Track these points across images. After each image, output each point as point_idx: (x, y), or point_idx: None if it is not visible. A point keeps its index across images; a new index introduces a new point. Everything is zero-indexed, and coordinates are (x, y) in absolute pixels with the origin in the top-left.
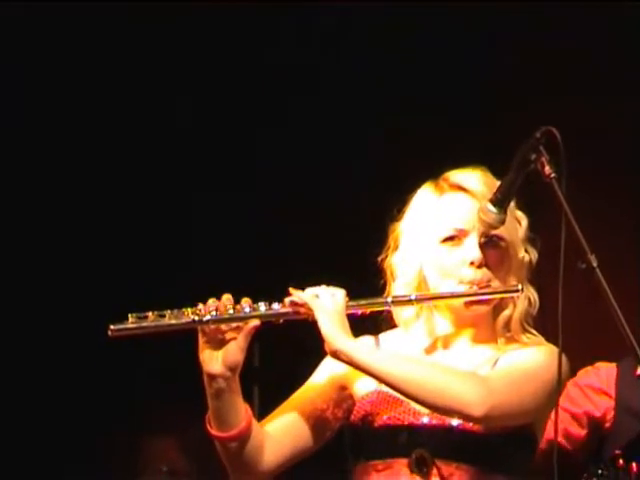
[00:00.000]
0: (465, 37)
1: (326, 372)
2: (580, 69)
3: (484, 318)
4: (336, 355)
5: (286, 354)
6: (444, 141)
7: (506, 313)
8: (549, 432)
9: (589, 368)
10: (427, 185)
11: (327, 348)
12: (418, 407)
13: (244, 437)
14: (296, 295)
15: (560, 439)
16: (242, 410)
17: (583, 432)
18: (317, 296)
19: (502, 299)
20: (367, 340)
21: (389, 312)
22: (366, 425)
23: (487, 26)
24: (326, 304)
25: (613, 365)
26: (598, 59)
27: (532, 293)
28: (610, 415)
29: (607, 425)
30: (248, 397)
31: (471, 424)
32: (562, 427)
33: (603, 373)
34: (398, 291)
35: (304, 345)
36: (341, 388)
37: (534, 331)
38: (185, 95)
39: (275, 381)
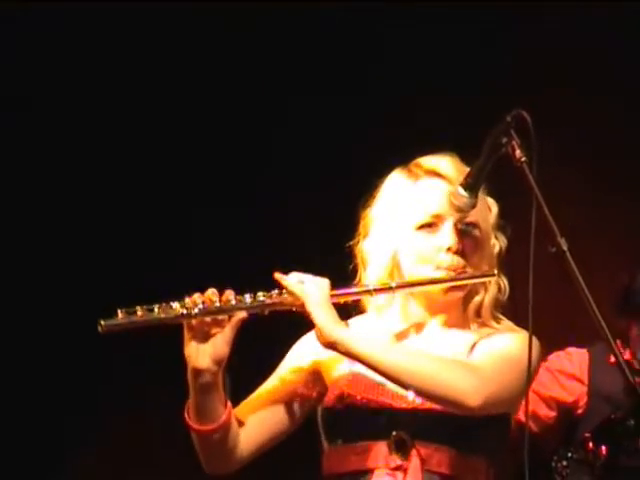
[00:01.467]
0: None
1: (297, 357)
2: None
3: (455, 304)
4: (332, 346)
5: (255, 344)
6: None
7: (477, 299)
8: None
9: (560, 353)
10: (399, 171)
11: (322, 339)
12: (396, 389)
13: (225, 429)
14: (282, 282)
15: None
16: (223, 402)
17: (551, 414)
18: (302, 283)
19: (474, 285)
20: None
21: None
22: (343, 407)
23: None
24: (315, 295)
25: (584, 350)
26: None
27: (502, 280)
28: (583, 401)
29: (579, 411)
30: None
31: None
32: (530, 408)
33: (575, 359)
34: (371, 277)
35: (273, 334)
36: (313, 372)
37: (503, 317)
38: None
39: (245, 371)
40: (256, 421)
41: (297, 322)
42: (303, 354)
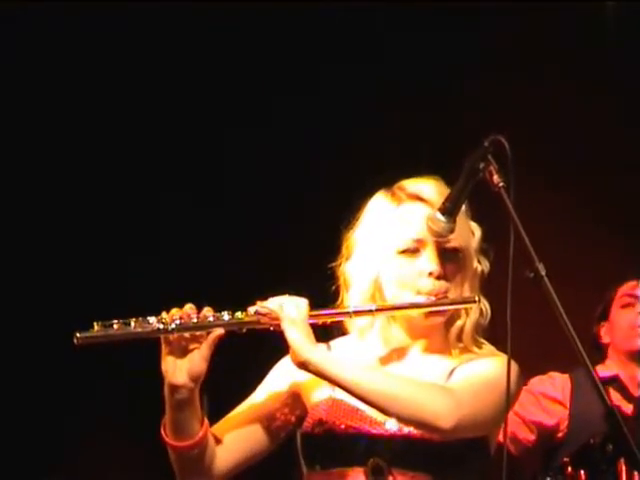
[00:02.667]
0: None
1: (277, 378)
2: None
3: (437, 328)
4: (304, 366)
5: (234, 362)
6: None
7: (459, 324)
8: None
9: (543, 377)
10: (382, 194)
11: (294, 358)
12: (374, 415)
13: (201, 446)
14: (260, 305)
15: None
16: (200, 419)
17: (531, 437)
18: (281, 305)
19: (455, 310)
20: (323, 347)
21: None
22: (321, 433)
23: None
24: (292, 314)
25: (566, 375)
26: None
27: (484, 304)
28: (564, 425)
29: (560, 434)
30: None
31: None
32: (510, 431)
33: (558, 383)
34: (353, 300)
35: (253, 352)
36: (293, 394)
37: (484, 341)
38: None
39: (224, 390)
40: (233, 440)
41: (279, 341)
42: (284, 375)
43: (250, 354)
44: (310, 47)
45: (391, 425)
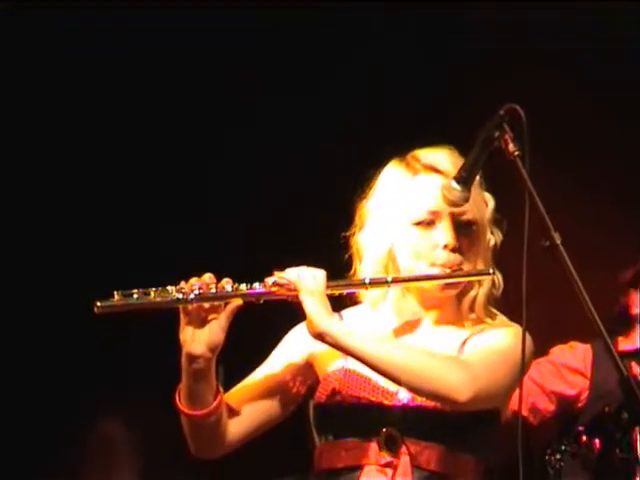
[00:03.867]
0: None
1: (290, 347)
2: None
3: (450, 300)
4: (321, 337)
5: (249, 332)
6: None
7: (471, 295)
8: (514, 404)
9: (564, 346)
10: (396, 164)
11: (311, 329)
12: (387, 385)
13: (215, 415)
14: (279, 275)
15: (525, 412)
16: (214, 388)
17: (551, 408)
18: (298, 276)
19: (469, 282)
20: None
21: None
22: (334, 403)
23: None
24: (310, 285)
25: (588, 346)
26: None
27: (497, 275)
28: (584, 395)
29: (579, 405)
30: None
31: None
32: (530, 401)
33: (580, 353)
34: (366, 270)
35: (267, 323)
36: (305, 364)
37: (497, 312)
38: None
39: (237, 359)
40: (246, 409)
41: (293, 311)
42: (296, 344)
43: (265, 323)
44: None
45: (404, 395)
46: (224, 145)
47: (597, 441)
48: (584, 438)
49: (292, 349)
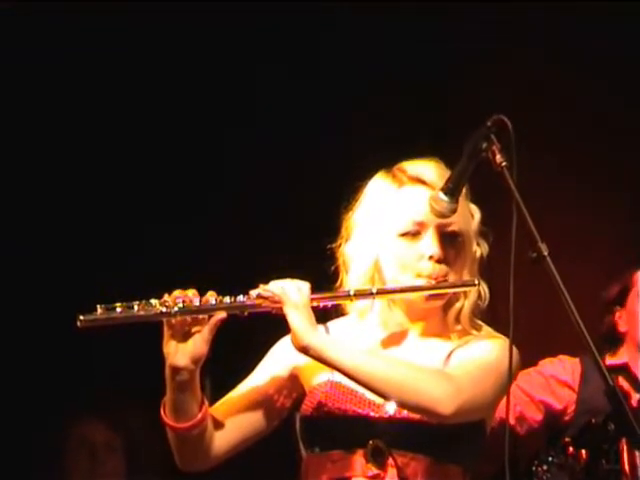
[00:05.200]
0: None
1: (275, 360)
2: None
3: (435, 312)
4: (305, 350)
5: (233, 344)
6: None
7: (457, 306)
8: (502, 413)
9: (554, 359)
10: (382, 176)
11: (295, 343)
12: (373, 398)
13: (200, 427)
14: (263, 288)
15: (512, 421)
16: (199, 401)
17: (538, 417)
18: (283, 289)
19: (454, 293)
20: (324, 331)
21: None
22: (320, 415)
23: None
24: (294, 297)
25: (576, 359)
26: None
27: (483, 287)
28: (571, 409)
29: (566, 418)
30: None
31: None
32: (518, 410)
33: (569, 366)
34: (352, 282)
35: (252, 335)
36: (291, 377)
37: (482, 323)
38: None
39: (224, 372)
40: (231, 421)
41: (279, 324)
42: (281, 358)
43: (252, 335)
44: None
45: (390, 407)
46: (221, 159)
47: (584, 452)
48: (571, 449)
49: (277, 362)
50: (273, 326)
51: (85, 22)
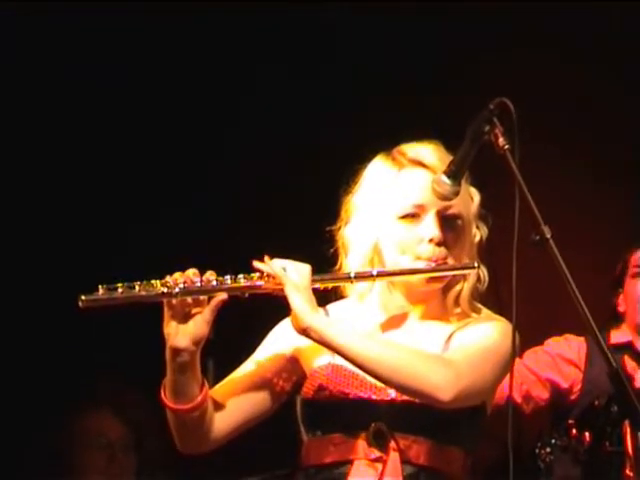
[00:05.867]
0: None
1: (275, 342)
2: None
3: (435, 294)
4: (305, 332)
5: (237, 326)
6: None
7: (456, 289)
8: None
9: (559, 338)
10: (382, 158)
11: (296, 325)
12: (374, 381)
13: (201, 409)
14: (264, 265)
15: (519, 400)
16: (200, 382)
17: (545, 395)
18: (283, 270)
19: (454, 276)
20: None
21: None
22: (322, 399)
23: None
24: (295, 279)
25: (582, 339)
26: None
27: (482, 270)
28: (577, 387)
29: (572, 397)
30: (203, 370)
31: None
32: (525, 388)
33: (575, 345)
34: (352, 264)
35: (255, 317)
36: (291, 359)
37: (482, 306)
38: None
39: (227, 353)
40: (232, 403)
41: (279, 305)
42: (281, 340)
43: (254, 316)
44: None
45: (392, 390)
46: (222, 142)
47: (587, 434)
48: (574, 431)
49: (277, 345)
50: (275, 307)
51: (85, 22)
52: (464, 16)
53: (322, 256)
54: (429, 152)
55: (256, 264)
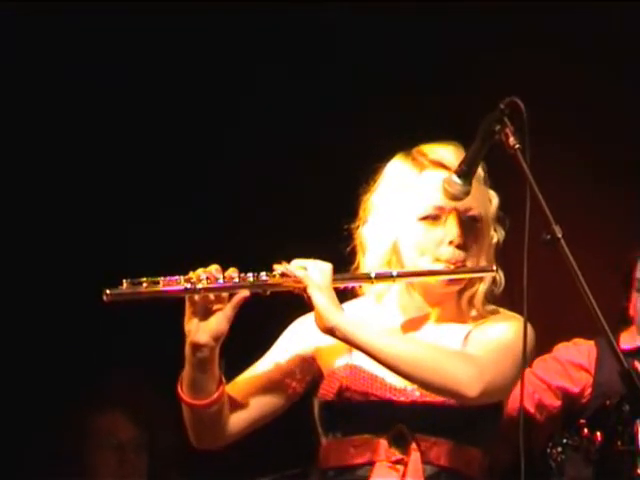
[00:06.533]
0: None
1: (290, 341)
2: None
3: (451, 296)
4: (331, 331)
5: (251, 324)
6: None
7: (471, 291)
8: (517, 401)
9: (568, 344)
10: (402, 159)
11: (321, 324)
12: (394, 382)
13: (217, 405)
14: (286, 267)
15: (532, 409)
16: (217, 378)
17: (557, 403)
18: (305, 269)
19: (471, 278)
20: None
21: None
22: (342, 400)
23: None
24: (318, 279)
25: (592, 342)
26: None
27: (499, 273)
28: (588, 392)
29: (583, 401)
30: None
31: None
32: (537, 397)
33: (584, 349)
34: (369, 263)
35: (270, 315)
36: (307, 359)
37: (497, 307)
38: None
39: (240, 351)
40: (247, 400)
41: (293, 303)
42: (296, 338)
43: (266, 315)
44: None
45: (412, 392)
46: (223, 139)
47: (598, 434)
48: (585, 431)
49: (292, 343)
50: (287, 306)
51: (85, 22)
52: (464, 16)
53: (322, 256)
54: (450, 153)
55: (276, 267)
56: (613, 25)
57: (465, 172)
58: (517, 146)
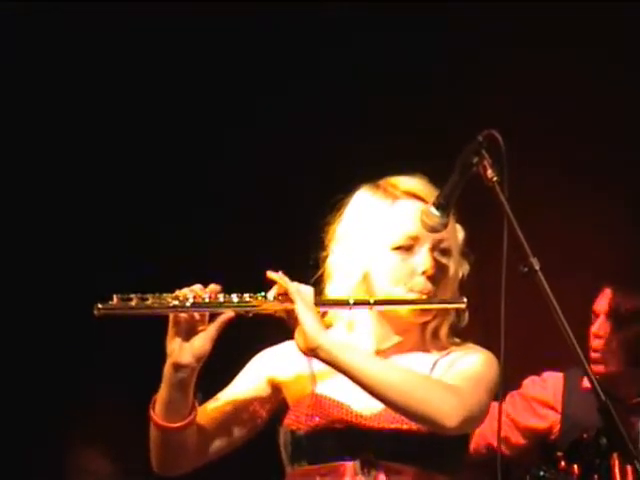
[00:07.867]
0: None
1: (258, 369)
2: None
3: (415, 326)
4: (315, 352)
5: (220, 349)
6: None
7: (436, 323)
8: (486, 437)
9: (536, 378)
10: (370, 190)
11: (305, 344)
12: (360, 410)
13: (190, 429)
14: (278, 277)
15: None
16: (191, 402)
17: (522, 442)
18: (298, 287)
19: (438, 310)
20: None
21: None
22: (307, 429)
23: None
24: (307, 297)
25: (560, 375)
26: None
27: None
28: (556, 428)
29: (552, 437)
30: None
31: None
32: (502, 435)
33: (550, 385)
34: (339, 293)
35: (238, 340)
36: (272, 387)
37: (460, 340)
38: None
39: (209, 376)
40: (212, 427)
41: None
42: (265, 366)
43: (237, 341)
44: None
45: (379, 419)
46: (223, 147)
47: (576, 467)
48: (562, 464)
49: (259, 371)
50: (258, 331)
51: (85, 22)
52: (464, 16)
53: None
54: (420, 184)
55: (270, 274)
56: (613, 24)
57: (443, 204)
58: (495, 179)
